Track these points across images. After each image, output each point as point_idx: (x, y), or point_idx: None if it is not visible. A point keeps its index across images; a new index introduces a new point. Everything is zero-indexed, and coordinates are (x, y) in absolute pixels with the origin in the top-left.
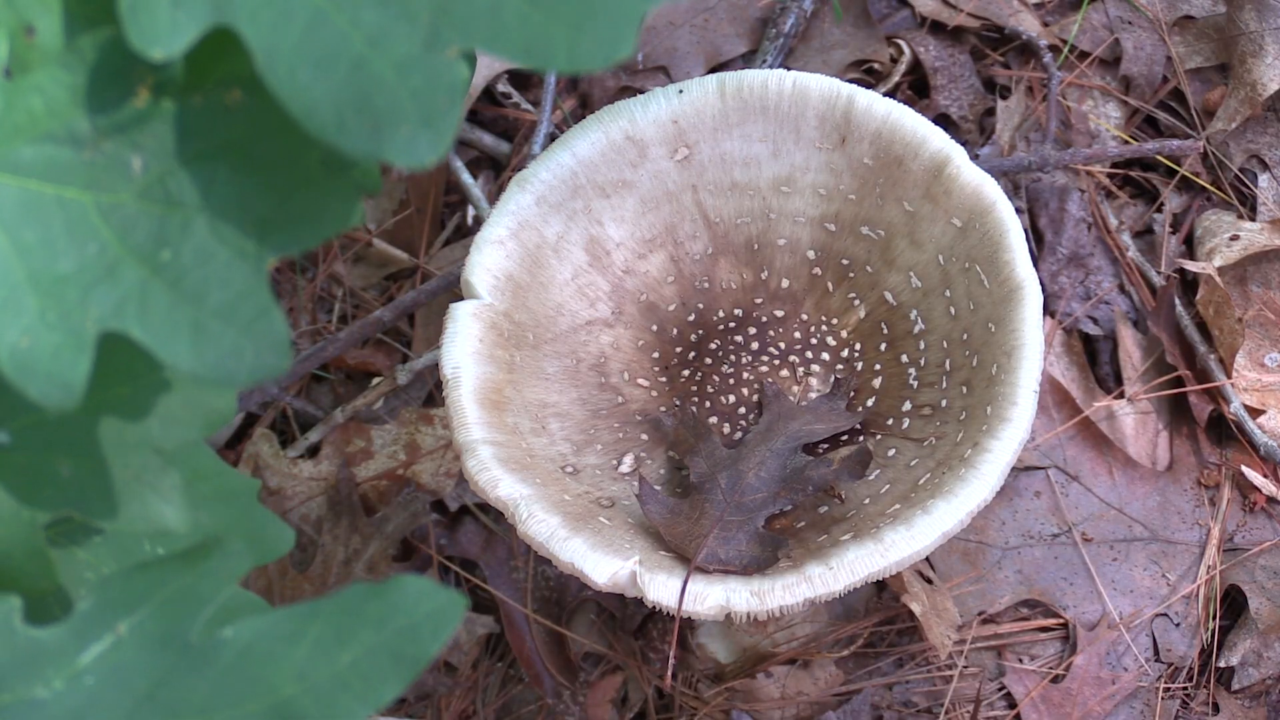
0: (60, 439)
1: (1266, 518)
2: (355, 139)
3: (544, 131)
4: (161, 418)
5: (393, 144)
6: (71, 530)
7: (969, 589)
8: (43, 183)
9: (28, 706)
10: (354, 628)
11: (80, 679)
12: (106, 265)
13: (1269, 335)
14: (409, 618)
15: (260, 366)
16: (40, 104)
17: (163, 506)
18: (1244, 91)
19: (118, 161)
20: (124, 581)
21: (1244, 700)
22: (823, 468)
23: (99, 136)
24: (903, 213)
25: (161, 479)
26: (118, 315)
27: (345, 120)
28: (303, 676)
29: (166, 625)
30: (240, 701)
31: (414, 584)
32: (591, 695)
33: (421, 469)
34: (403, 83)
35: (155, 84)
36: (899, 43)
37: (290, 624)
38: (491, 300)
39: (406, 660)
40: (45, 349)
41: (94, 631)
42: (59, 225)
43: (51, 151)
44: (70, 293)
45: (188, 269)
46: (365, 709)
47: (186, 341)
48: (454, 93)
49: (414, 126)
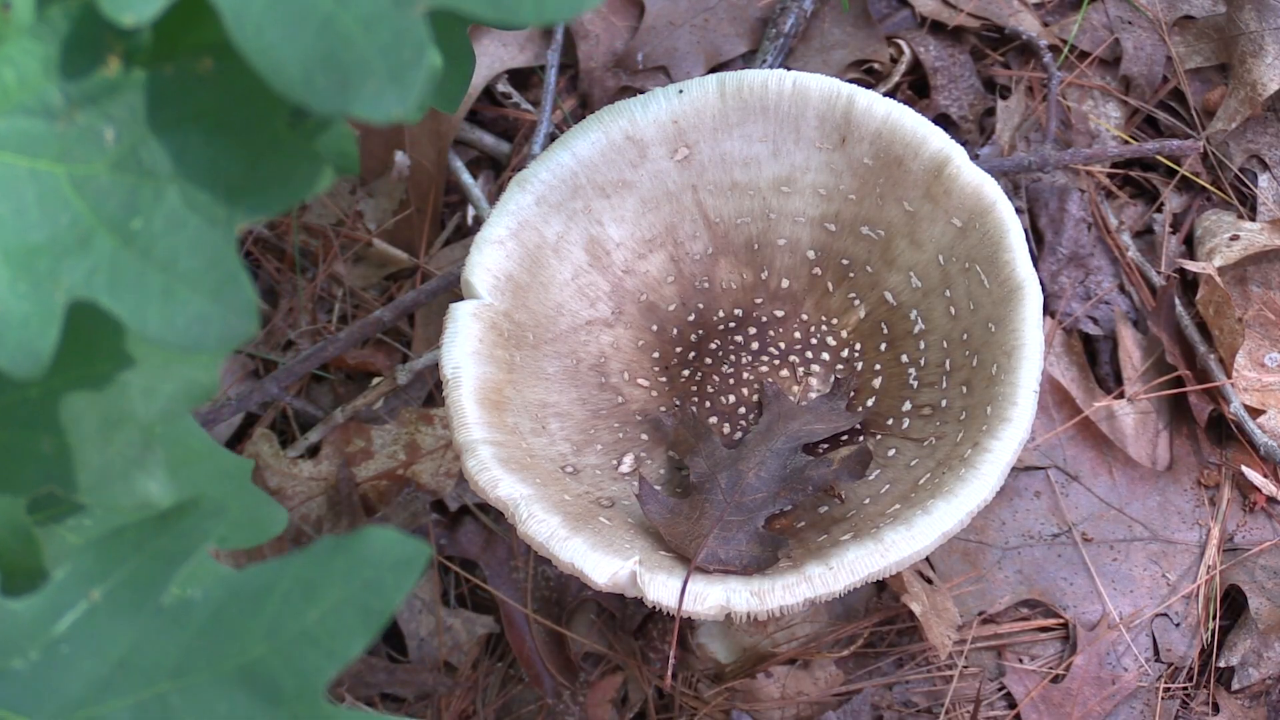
0: (41, 416)
1: (1266, 518)
2: (323, 95)
3: (544, 131)
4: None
5: (360, 99)
6: (57, 511)
7: (969, 589)
8: (15, 155)
9: (4, 677)
10: (321, 582)
11: (56, 648)
12: (78, 236)
13: (1269, 335)
14: (375, 569)
15: (228, 332)
16: (12, 76)
17: (147, 482)
18: (1244, 91)
19: (90, 132)
20: (97, 548)
21: (1244, 700)
22: (823, 468)
23: (71, 108)
24: (903, 213)
25: (145, 454)
26: (87, 284)
27: (313, 77)
28: (271, 635)
29: (139, 590)
30: (212, 663)
31: (379, 535)
32: (591, 695)
33: (421, 469)
34: (370, 39)
35: (126, 53)
36: (899, 43)
37: (258, 582)
38: (491, 300)
39: (372, 613)
40: (14, 318)
41: (68, 599)
42: (31, 197)
43: (24, 124)
44: (41, 263)
45: (158, 237)
46: (333, 664)
47: (155, 308)
48: (420, 47)
49: (381, 81)
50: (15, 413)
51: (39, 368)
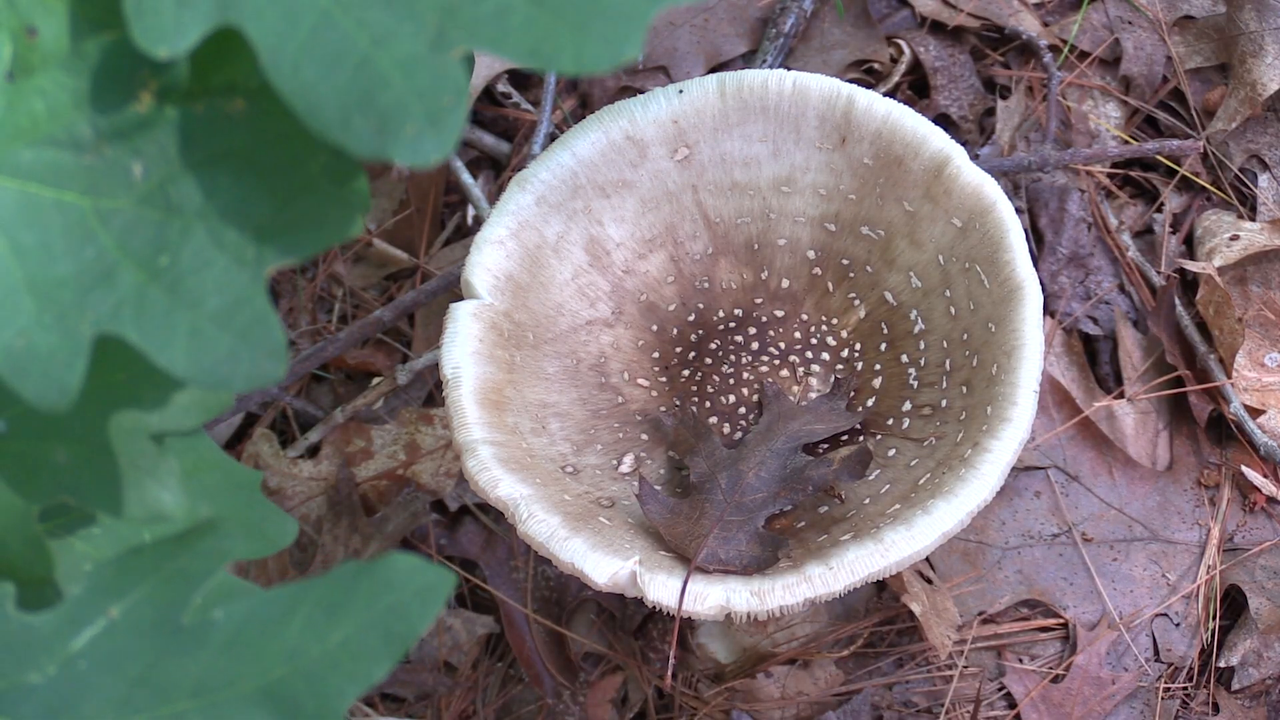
0: (56, 426)
1: (1266, 518)
2: (360, 138)
3: (544, 131)
4: (158, 404)
5: (397, 143)
6: (70, 521)
7: (969, 589)
8: (42, 186)
9: (21, 692)
10: (344, 606)
11: (73, 664)
12: (104, 269)
13: (1269, 335)
14: (398, 595)
15: (256, 372)
16: (42, 107)
17: (160, 493)
18: (1244, 91)
19: (118, 167)
20: (117, 566)
21: (1244, 700)
22: (823, 468)
23: (100, 141)
24: (903, 213)
25: (158, 465)
26: (114, 319)
27: (350, 119)
28: (293, 656)
29: (159, 608)
30: (232, 683)
31: (403, 561)
32: (591, 695)
33: (421, 469)
34: (408, 82)
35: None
36: (899, 43)
37: (281, 604)
38: (491, 300)
39: (396, 638)
40: (41, 350)
41: (87, 616)
42: (57, 229)
43: (52, 155)
44: (67, 295)
45: (185, 274)
46: (355, 688)
47: (182, 346)
48: (459, 92)
49: (419, 125)
50: (29, 423)
51: (66, 400)
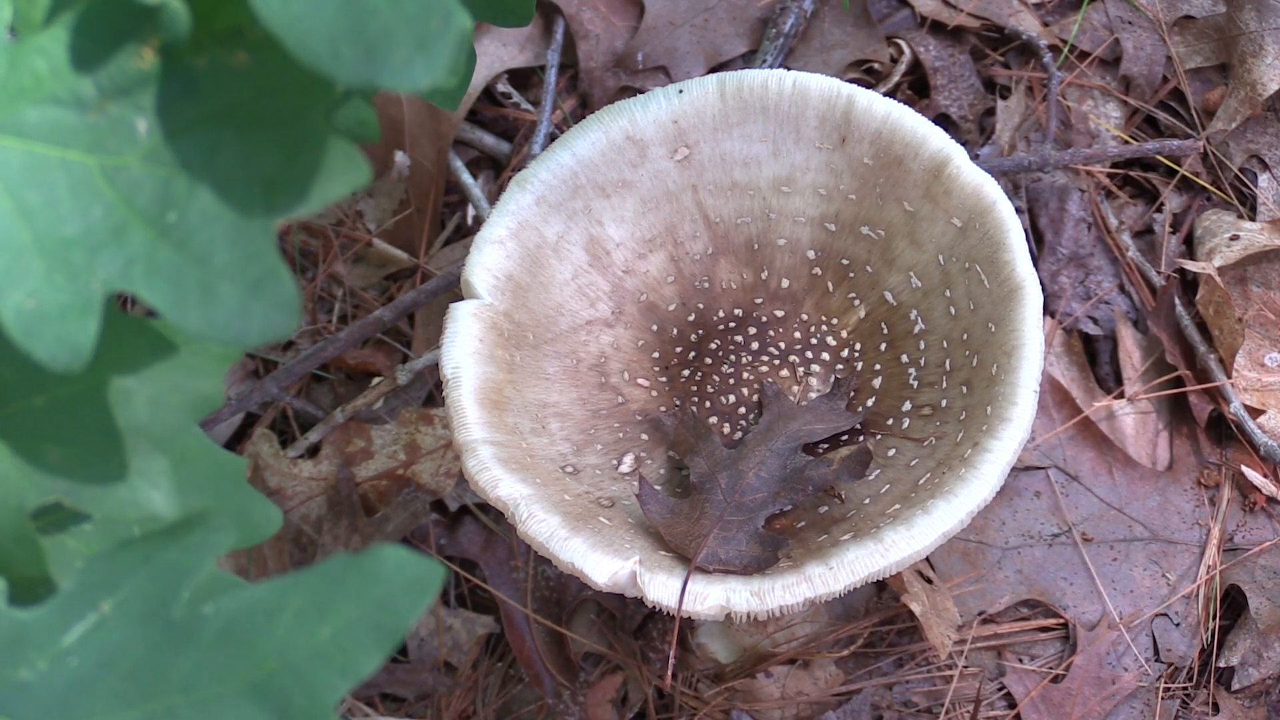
0: (48, 425)
1: (1266, 518)
2: (349, 66)
3: (544, 131)
4: (149, 403)
5: (387, 69)
6: (61, 519)
7: (969, 589)
8: (47, 146)
9: (12, 688)
10: (333, 599)
11: (64, 660)
12: (112, 228)
13: (1269, 335)
14: (387, 588)
15: (269, 326)
16: (44, 66)
17: (151, 492)
18: (1244, 91)
19: (122, 124)
20: (107, 560)
21: (1244, 700)
22: (823, 468)
23: (104, 99)
24: (903, 213)
25: (149, 464)
26: (125, 277)
27: (339, 49)
28: (283, 651)
29: (149, 602)
30: (222, 678)
31: (392, 554)
32: (591, 695)
33: (421, 469)
34: (395, 10)
35: (160, 45)
36: (899, 43)
37: (270, 598)
38: (491, 300)
39: (386, 631)
40: (52, 310)
41: (77, 611)
42: (64, 188)
43: (55, 114)
44: (77, 255)
45: (194, 230)
46: (345, 682)
47: (195, 302)
48: (447, 16)
49: (409, 50)
50: (21, 422)
51: (79, 360)
